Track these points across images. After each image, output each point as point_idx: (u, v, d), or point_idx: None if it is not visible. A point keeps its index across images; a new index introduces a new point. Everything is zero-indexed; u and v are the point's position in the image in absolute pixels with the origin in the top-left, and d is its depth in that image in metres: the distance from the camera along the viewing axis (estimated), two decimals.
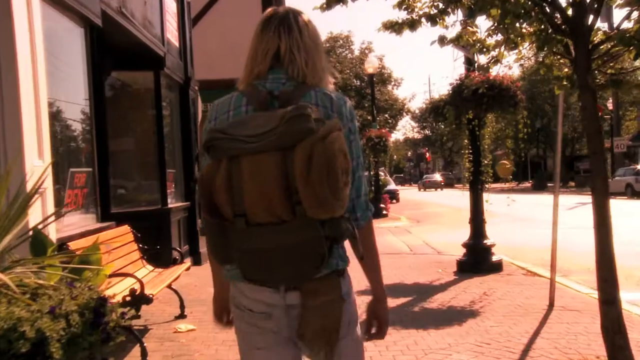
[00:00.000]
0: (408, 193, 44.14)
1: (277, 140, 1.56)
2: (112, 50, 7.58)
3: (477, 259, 8.28)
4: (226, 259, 1.72)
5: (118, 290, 4.58)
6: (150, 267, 5.84)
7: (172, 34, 9.15)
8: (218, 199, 1.60)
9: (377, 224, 16.96)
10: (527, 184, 44.81)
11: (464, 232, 8.75)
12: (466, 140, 8.24)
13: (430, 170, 73.58)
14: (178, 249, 5.83)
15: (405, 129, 72.60)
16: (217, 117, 1.82)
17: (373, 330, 1.93)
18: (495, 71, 6.58)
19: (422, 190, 50.32)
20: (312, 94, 1.78)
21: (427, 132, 71.28)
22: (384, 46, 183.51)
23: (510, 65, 5.55)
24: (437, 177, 54.48)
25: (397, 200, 30.13)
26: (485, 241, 8.35)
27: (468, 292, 6.90)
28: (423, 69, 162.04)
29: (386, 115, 34.43)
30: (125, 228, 5.77)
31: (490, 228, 8.50)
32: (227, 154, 1.60)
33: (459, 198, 29.76)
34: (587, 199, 26.90)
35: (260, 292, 1.74)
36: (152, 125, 8.54)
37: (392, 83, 41.37)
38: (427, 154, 75.31)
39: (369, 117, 23.76)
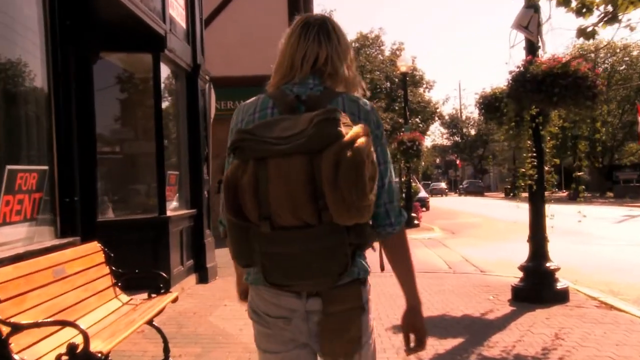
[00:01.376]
0: (433, 200, 42.99)
1: (306, 143, 1.53)
2: (100, 27, 6.31)
3: (538, 286, 6.81)
4: (248, 262, 1.67)
5: (55, 344, 3.16)
6: (126, 298, 4.43)
7: (177, 12, 7.80)
8: (244, 200, 1.56)
9: (409, 235, 15.19)
10: (562, 194, 42.90)
11: (504, 246, 7.31)
12: (529, 142, 6.72)
13: (459, 177, 74.02)
14: (163, 274, 4.44)
15: (434, 135, 71.15)
16: (243, 119, 1.81)
17: (412, 344, 1.86)
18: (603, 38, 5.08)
19: (430, 196, 57.01)
20: (339, 100, 1.77)
21: (456, 138, 69.62)
22: (416, 48, 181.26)
23: (632, 26, 3.98)
24: (443, 185, 65.85)
25: (427, 209, 29.42)
26: (547, 264, 6.87)
27: (535, 333, 5.42)
28: (454, 75, 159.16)
29: (417, 119, 32.82)
30: (94, 245, 4.38)
31: None
32: (255, 156, 1.57)
33: (492, 207, 28.80)
34: (634, 211, 25.09)
35: (281, 297, 1.73)
36: (150, 118, 7.20)
37: (424, 86, 39.70)
38: (458, 161, 73.75)
39: (400, 120, 22.23)
